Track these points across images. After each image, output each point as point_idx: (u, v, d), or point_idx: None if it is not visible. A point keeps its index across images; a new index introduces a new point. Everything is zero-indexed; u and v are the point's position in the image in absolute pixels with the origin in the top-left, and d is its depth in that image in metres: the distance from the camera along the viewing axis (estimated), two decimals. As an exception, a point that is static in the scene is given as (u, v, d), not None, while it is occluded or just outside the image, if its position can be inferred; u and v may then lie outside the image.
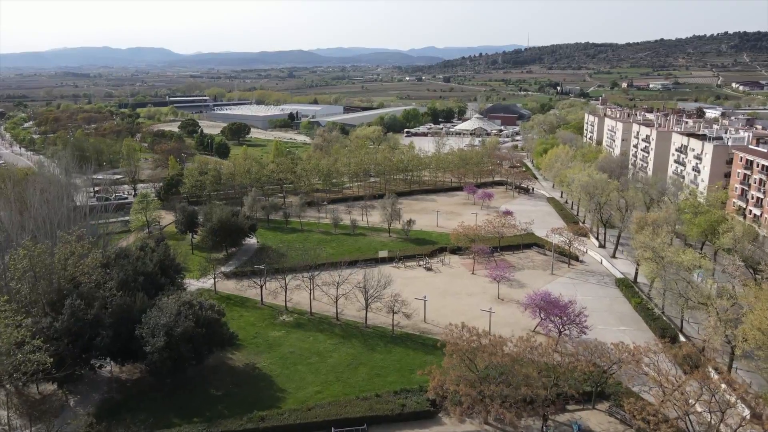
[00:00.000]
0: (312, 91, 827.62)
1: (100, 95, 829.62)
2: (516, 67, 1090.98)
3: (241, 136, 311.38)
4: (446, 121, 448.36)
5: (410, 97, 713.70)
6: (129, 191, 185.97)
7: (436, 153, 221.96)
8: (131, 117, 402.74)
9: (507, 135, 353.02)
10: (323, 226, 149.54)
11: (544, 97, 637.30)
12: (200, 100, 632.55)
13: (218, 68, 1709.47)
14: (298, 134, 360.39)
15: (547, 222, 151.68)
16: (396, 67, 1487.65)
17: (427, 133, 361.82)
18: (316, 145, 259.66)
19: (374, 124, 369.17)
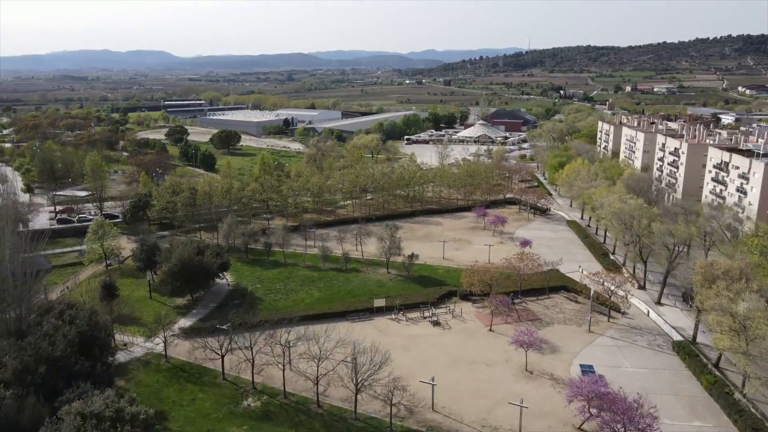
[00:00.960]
0: (311, 94, 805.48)
1: (95, 99, 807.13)
2: (517, 70, 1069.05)
3: (231, 145, 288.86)
4: (448, 127, 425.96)
5: (410, 101, 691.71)
6: (96, 211, 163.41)
7: (440, 167, 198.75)
8: (117, 123, 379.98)
9: (513, 143, 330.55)
10: (311, 258, 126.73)
11: (548, 101, 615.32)
12: (195, 105, 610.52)
13: (218, 71, 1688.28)
14: (292, 141, 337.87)
15: (571, 253, 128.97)
16: (396, 70, 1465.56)
17: (429, 141, 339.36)
18: (309, 156, 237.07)
19: (373, 131, 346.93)
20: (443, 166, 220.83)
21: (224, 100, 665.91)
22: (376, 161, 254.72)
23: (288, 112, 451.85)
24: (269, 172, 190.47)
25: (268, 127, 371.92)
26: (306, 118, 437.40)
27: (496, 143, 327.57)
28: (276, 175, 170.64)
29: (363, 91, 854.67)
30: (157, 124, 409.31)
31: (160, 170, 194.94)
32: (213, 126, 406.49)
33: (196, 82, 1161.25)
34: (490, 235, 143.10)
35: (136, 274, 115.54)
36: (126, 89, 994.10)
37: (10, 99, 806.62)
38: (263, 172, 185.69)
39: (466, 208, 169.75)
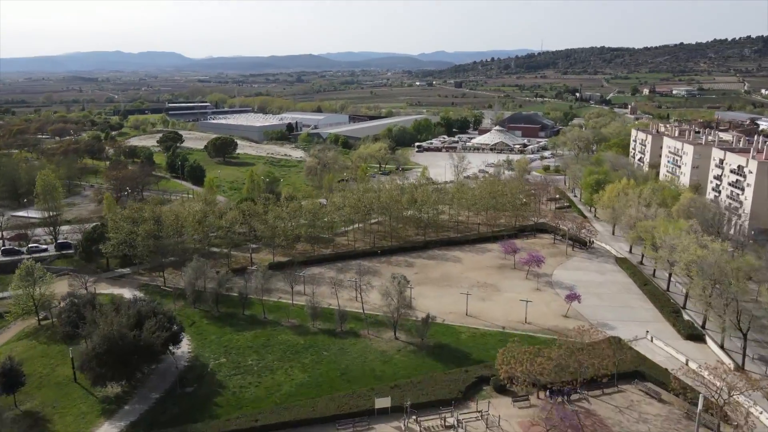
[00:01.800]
0: (319, 96, 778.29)
1: (100, 100, 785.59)
2: (529, 71, 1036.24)
3: (226, 153, 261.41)
4: (461, 132, 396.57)
5: (420, 103, 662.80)
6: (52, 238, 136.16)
7: (457, 184, 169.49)
8: (110, 128, 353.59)
9: (532, 150, 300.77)
10: (297, 313, 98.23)
11: (563, 104, 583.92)
12: (200, 107, 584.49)
13: (228, 72, 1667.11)
14: (295, 148, 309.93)
15: (629, 306, 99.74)
16: (406, 72, 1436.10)
17: (441, 148, 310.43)
18: (308, 168, 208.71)
19: (381, 137, 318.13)
20: (460, 182, 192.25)
21: (229, 102, 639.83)
22: (381, 169, 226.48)
23: (293, 116, 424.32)
24: (259, 190, 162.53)
25: (270, 133, 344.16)
26: (311, 123, 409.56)
27: (515, 151, 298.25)
28: (263, 198, 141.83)
29: (372, 93, 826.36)
30: (154, 129, 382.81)
31: (129, 190, 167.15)
32: (213, 130, 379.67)
33: (205, 84, 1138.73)
34: (523, 277, 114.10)
35: (66, 341, 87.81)
36: (134, 91, 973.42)
37: (15, 100, 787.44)
38: (252, 189, 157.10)
39: (489, 238, 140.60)
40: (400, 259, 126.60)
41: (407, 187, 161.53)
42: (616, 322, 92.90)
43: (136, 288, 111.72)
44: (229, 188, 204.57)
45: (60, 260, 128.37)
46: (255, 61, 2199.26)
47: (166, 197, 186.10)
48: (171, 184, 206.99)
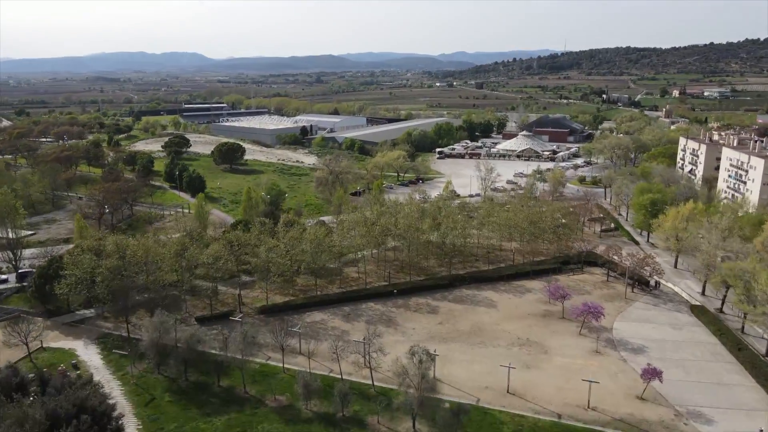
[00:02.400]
0: (337, 97, 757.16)
1: (119, 101, 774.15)
2: (552, 72, 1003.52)
3: (234, 160, 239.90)
4: (484, 136, 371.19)
5: (441, 105, 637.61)
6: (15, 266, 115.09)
7: (487, 206, 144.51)
8: (118, 131, 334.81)
9: (563, 158, 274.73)
10: (287, 384, 74.98)
11: (590, 107, 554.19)
12: (216, 108, 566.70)
13: (248, 73, 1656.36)
14: (308, 154, 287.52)
15: (722, 381, 74.73)
16: (426, 73, 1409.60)
17: (465, 154, 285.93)
18: (319, 179, 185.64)
19: (400, 142, 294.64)
20: (488, 197, 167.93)
21: (246, 103, 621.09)
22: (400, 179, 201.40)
23: (308, 119, 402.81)
24: (257, 210, 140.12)
25: (283, 137, 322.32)
26: (327, 126, 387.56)
27: (543, 158, 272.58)
28: (258, 223, 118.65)
29: (391, 93, 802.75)
30: (165, 132, 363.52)
31: (107, 209, 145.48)
32: (224, 134, 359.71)
33: (224, 84, 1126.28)
34: (575, 332, 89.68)
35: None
36: (153, 91, 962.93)
37: (34, 101, 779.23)
38: (249, 208, 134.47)
39: (529, 272, 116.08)
40: (421, 302, 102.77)
41: (429, 207, 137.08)
42: (712, 411, 68.25)
43: (95, 340, 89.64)
44: (231, 200, 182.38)
45: (19, 295, 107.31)
46: (275, 62, 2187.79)
47: (160, 212, 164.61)
48: (168, 197, 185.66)
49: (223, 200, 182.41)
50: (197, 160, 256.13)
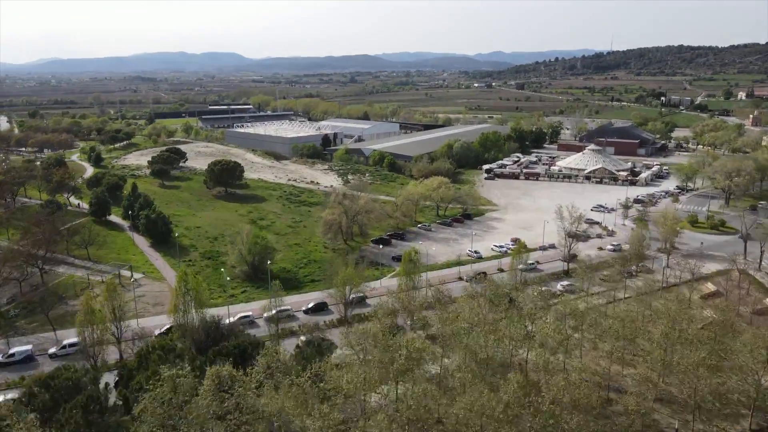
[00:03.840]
0: (370, 98, 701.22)
1: (147, 101, 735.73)
2: (597, 72, 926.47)
3: (230, 182, 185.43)
4: (535, 146, 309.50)
5: (480, 107, 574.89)
6: None
7: (592, 310, 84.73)
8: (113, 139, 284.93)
9: (646, 180, 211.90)
10: None
11: (649, 110, 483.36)
12: (240, 110, 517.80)
13: (283, 73, 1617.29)
14: (327, 171, 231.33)
15: None
16: (462, 73, 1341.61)
17: (518, 174, 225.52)
18: (327, 224, 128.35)
19: (439, 156, 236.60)
20: (586, 269, 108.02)
21: (272, 104, 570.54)
22: (440, 215, 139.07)
23: (333, 124, 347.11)
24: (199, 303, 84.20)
25: (300, 148, 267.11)
26: (354, 133, 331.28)
27: (621, 181, 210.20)
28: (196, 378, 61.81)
29: (427, 95, 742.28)
30: (170, 139, 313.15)
31: None
32: (237, 142, 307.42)
33: (258, 84, 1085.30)
34: None
35: None
36: (185, 91, 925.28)
37: (64, 100, 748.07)
38: (179, 310, 77.43)
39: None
40: None
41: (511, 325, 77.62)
42: None
43: None
44: (205, 251, 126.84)
45: None
46: (311, 62, 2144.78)
47: (94, 276, 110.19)
48: (120, 243, 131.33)
49: (193, 250, 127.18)
50: (189, 180, 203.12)
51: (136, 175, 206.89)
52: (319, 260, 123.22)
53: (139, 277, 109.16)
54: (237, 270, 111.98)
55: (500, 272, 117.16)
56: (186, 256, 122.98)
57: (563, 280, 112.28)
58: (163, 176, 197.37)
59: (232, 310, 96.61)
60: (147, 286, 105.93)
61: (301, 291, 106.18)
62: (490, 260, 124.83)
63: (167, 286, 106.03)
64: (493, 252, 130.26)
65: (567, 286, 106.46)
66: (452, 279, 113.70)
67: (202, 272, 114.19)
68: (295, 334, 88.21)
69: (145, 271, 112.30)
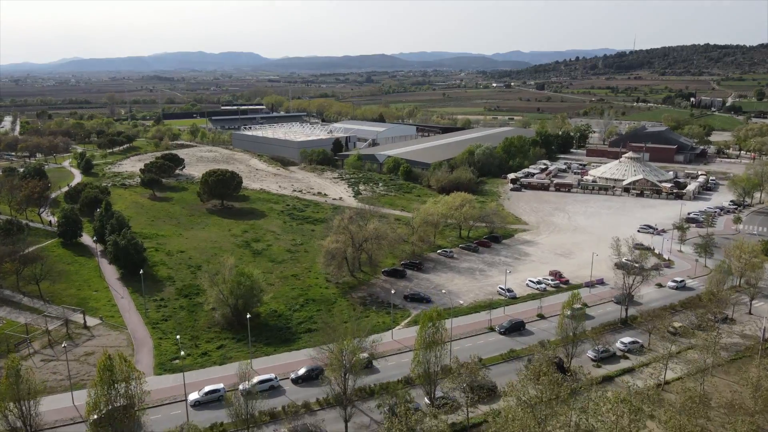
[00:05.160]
0: (387, 98, 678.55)
1: (162, 101, 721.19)
2: (620, 72, 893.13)
3: (226, 194, 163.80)
4: (561, 150, 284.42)
5: (500, 108, 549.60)
6: None
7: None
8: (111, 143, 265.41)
9: (693, 192, 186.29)
10: None
11: (679, 112, 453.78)
12: (253, 110, 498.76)
13: (300, 72, 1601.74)
14: (337, 180, 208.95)
15: None
16: (480, 72, 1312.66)
17: (548, 184, 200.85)
18: (329, 254, 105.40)
19: (459, 162, 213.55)
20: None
21: (285, 105, 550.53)
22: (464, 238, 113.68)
23: (347, 127, 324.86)
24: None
25: (309, 153, 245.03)
26: (368, 136, 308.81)
27: (665, 194, 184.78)
28: None
29: (445, 95, 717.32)
30: (174, 143, 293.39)
31: None
32: (243, 145, 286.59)
33: (274, 83, 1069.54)
34: None
35: None
36: (201, 91, 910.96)
37: (78, 100, 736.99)
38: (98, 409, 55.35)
39: None
40: None
41: None
42: None
43: None
44: (183, 286, 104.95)
45: None
46: (328, 61, 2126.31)
47: (35, 323, 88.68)
48: (83, 274, 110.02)
49: (167, 287, 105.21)
50: (184, 191, 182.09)
51: (126, 184, 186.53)
52: (318, 299, 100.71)
53: (93, 325, 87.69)
54: (217, 314, 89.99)
55: (540, 318, 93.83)
56: (159, 292, 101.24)
57: (622, 333, 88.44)
58: (155, 186, 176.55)
59: (201, 375, 74.62)
60: (100, 337, 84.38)
61: (291, 346, 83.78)
62: (526, 301, 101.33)
63: (126, 338, 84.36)
64: (529, 289, 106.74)
65: (630, 344, 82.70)
66: (481, 328, 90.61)
67: (175, 316, 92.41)
68: (276, 419, 65.76)
69: (103, 316, 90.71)
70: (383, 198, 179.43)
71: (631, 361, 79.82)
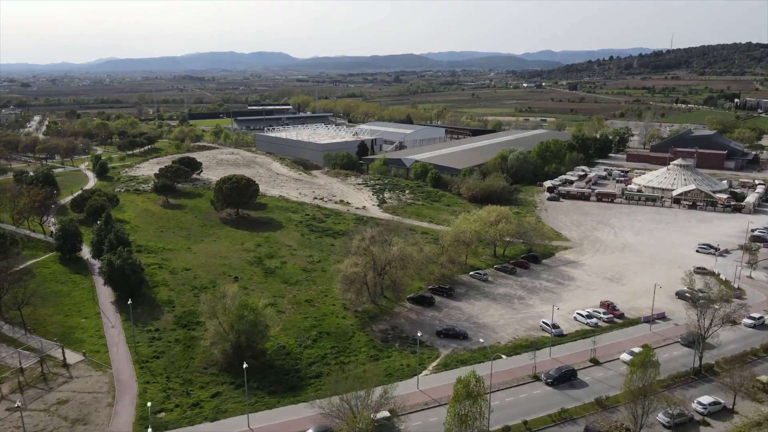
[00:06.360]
0: (415, 98, 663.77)
1: (190, 100, 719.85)
2: (656, 72, 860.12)
3: (242, 202, 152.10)
4: (599, 155, 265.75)
5: (531, 109, 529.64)
6: None
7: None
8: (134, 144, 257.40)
9: (753, 205, 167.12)
10: None
11: (724, 114, 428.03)
12: (279, 110, 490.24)
13: (328, 72, 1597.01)
14: (361, 186, 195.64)
15: None
16: (510, 72, 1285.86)
17: (588, 193, 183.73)
18: (348, 278, 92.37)
19: (491, 167, 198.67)
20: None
21: (312, 105, 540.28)
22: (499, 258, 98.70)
23: (373, 128, 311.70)
24: None
25: (333, 157, 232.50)
26: (395, 138, 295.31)
27: (721, 207, 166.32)
28: None
29: (474, 95, 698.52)
30: (195, 145, 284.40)
31: None
32: (266, 147, 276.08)
33: (302, 83, 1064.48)
34: None
35: None
36: (230, 91, 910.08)
37: (109, 99, 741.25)
38: None
39: None
40: None
41: None
42: None
43: None
44: (183, 313, 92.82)
45: None
46: (357, 61, 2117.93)
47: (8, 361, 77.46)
48: (77, 295, 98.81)
49: (165, 313, 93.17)
50: (199, 197, 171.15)
51: (140, 190, 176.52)
52: (333, 332, 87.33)
53: (74, 362, 75.90)
54: (216, 350, 77.31)
55: (594, 364, 78.70)
56: (154, 320, 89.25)
57: (697, 387, 72.72)
58: (168, 193, 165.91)
59: (188, 435, 61.86)
60: (79, 380, 72.45)
61: (299, 396, 70.43)
62: (575, 339, 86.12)
63: (108, 381, 72.25)
64: (578, 323, 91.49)
65: (710, 405, 67.05)
66: (524, 375, 75.96)
67: (168, 352, 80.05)
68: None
69: (86, 351, 78.87)
70: (409, 208, 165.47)
71: (714, 429, 64.24)
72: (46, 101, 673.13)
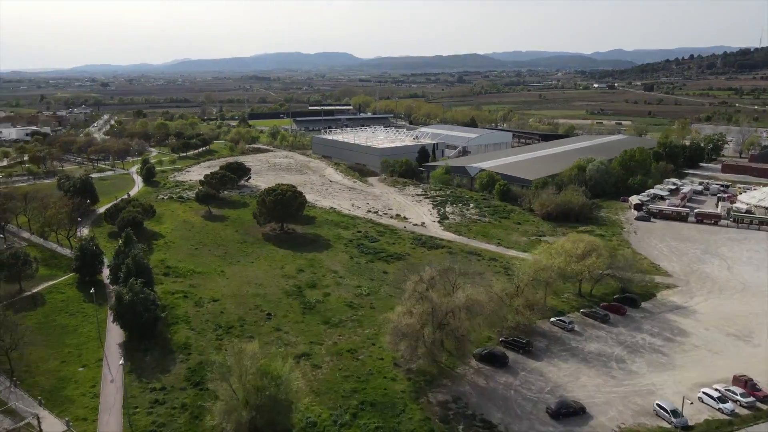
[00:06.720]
0: (478, 99, 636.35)
1: (254, 100, 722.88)
2: (743, 72, 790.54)
3: (287, 214, 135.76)
4: (689, 165, 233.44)
5: (604, 111, 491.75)
6: None
7: None
8: (186, 146, 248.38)
9: None
10: None
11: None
12: (339, 111, 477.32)
13: (391, 72, 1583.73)
14: (421, 197, 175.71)
15: None
16: (578, 72, 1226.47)
17: (685, 213, 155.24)
18: (399, 331, 73.15)
19: (566, 179, 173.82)
20: None
21: (372, 106, 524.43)
22: (586, 300, 76.36)
23: (434, 132, 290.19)
24: None
25: (391, 163, 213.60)
26: (458, 143, 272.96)
27: None
28: None
29: (541, 96, 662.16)
30: (250, 147, 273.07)
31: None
32: (324, 150, 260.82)
33: (364, 83, 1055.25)
34: None
35: None
36: (293, 90, 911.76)
37: (178, 99, 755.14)
38: None
39: None
40: None
41: None
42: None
43: None
44: (198, 364, 76.05)
45: None
46: (420, 61, 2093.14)
47: None
48: (83, 333, 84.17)
49: (178, 363, 76.89)
50: (244, 207, 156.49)
51: (184, 198, 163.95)
52: (379, 402, 67.94)
53: (54, 435, 60.18)
54: (227, 428, 59.63)
55: (739, 480, 55.40)
56: (163, 373, 72.86)
57: None
58: (212, 202, 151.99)
59: None
60: (53, 462, 56.58)
61: None
62: (705, 430, 62.76)
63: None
64: (705, 405, 67.84)
65: None
66: (638, 493, 53.67)
67: (169, 425, 63.03)
68: None
69: (70, 419, 63.03)
70: (474, 225, 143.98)
71: None
72: (119, 101, 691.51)
